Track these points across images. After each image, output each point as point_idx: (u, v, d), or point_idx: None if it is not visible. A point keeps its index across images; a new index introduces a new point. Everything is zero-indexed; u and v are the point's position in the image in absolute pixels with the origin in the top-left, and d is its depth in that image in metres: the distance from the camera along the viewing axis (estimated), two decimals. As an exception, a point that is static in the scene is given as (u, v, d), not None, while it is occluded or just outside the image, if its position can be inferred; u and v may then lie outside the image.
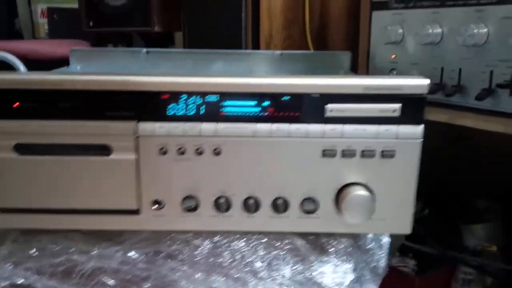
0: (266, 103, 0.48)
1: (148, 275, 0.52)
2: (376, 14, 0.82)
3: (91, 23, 1.40)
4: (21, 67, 0.97)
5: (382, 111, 0.47)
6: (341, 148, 0.48)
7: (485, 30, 0.65)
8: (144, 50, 0.83)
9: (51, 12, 1.81)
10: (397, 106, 0.47)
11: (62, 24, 1.78)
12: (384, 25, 0.80)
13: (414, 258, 1.04)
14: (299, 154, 0.49)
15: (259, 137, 0.48)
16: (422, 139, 0.48)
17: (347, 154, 0.48)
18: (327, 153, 0.49)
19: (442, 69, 0.73)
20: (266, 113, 0.48)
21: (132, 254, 0.53)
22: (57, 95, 0.46)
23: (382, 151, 0.48)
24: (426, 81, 0.46)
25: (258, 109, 0.48)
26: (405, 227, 0.51)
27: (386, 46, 0.81)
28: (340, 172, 0.49)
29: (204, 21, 1.17)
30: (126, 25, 1.33)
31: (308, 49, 1.13)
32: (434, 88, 0.74)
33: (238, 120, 0.48)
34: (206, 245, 0.54)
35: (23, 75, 0.53)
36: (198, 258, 0.53)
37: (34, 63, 1.07)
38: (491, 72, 0.66)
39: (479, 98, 0.67)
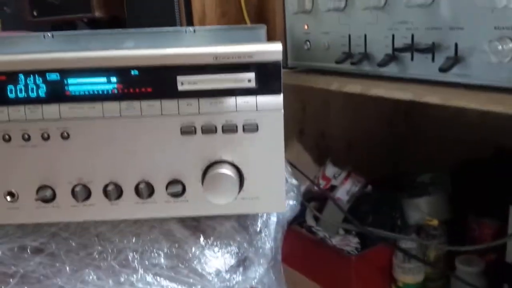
0: (113, 79, 0.44)
1: (15, 271, 0.49)
2: (287, -17, 0.78)
3: (35, 13, 1.37)
4: None
5: (237, 81, 0.43)
6: (200, 124, 0.45)
7: (383, -9, 0.62)
8: (49, 34, 0.79)
9: (1, 5, 1.78)
10: (251, 74, 0.43)
11: (14, 16, 1.74)
12: (294, -6, 0.76)
13: (357, 236, 1.01)
14: (156, 133, 0.45)
15: (110, 118, 0.44)
16: (283, 110, 0.44)
17: (207, 130, 0.45)
18: (186, 130, 0.45)
19: (350, 36, 0.69)
20: (115, 90, 0.44)
21: (-6, 250, 0.49)
22: None
23: (244, 125, 0.45)
24: (278, 47, 0.43)
25: (105, 86, 0.44)
26: (279, 205, 0.47)
27: (299, 16, 0.78)
28: (203, 150, 0.46)
29: (142, 3, 1.14)
30: (68, 12, 1.31)
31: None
32: (343, 57, 0.70)
33: (84, 99, 0.44)
34: (75, 236, 0.50)
35: None
36: (67, 251, 0.50)
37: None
38: (393, 36, 0.63)
39: (381, 64, 0.64)
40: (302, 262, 1.01)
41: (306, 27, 0.77)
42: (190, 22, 1.08)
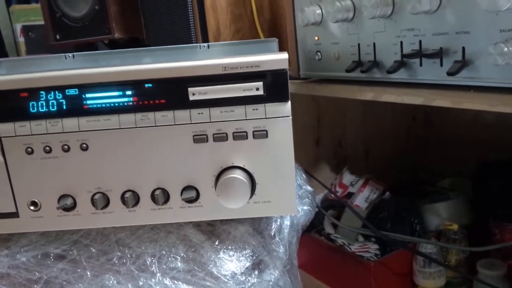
0: (128, 92, 0.46)
1: (39, 277, 0.51)
2: (296, -4, 0.80)
3: (57, 36, 1.41)
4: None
5: (246, 90, 0.45)
6: (211, 132, 0.47)
7: (389, -1, 0.63)
8: (70, 54, 0.82)
9: (26, 30, 1.85)
10: (259, 83, 0.45)
11: (38, 41, 1.81)
12: (303, 6, 0.78)
13: (377, 242, 1.01)
14: (170, 142, 0.47)
15: (125, 128, 0.47)
16: (291, 116, 0.46)
17: (219, 137, 0.47)
18: (198, 138, 0.47)
19: (359, 45, 0.71)
20: (130, 103, 0.46)
21: (20, 257, 0.52)
22: None
23: (254, 132, 0.46)
24: (284, 56, 0.44)
25: (121, 99, 0.46)
26: (291, 208, 0.49)
27: (309, 28, 0.79)
28: (215, 156, 0.48)
29: (160, 23, 1.18)
30: (89, 34, 1.35)
31: (261, 41, 1.12)
32: (353, 66, 0.72)
33: (101, 112, 0.47)
34: (96, 243, 0.52)
35: None
36: (88, 257, 0.52)
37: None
38: (401, 43, 0.64)
39: (390, 71, 0.65)
40: (321, 269, 1.02)
41: (316, 38, 0.78)
42: (205, 40, 1.11)
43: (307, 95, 0.89)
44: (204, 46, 0.81)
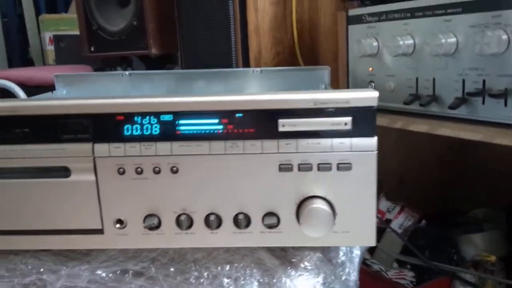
0: (220, 121, 0.49)
1: (117, 293, 0.53)
2: (352, 28, 0.83)
3: (92, 48, 1.44)
4: (21, 93, 1.00)
5: (334, 124, 0.47)
6: (297, 162, 0.49)
7: (454, 39, 0.65)
8: (127, 72, 0.85)
9: (57, 40, 1.89)
10: (348, 119, 0.47)
11: (68, 50, 1.85)
12: (360, 38, 0.80)
13: (412, 270, 1.02)
14: (256, 170, 0.49)
15: (215, 155, 0.49)
16: (376, 151, 0.48)
17: (303, 168, 0.49)
18: (284, 168, 0.49)
19: (417, 79, 0.73)
20: (221, 131, 0.49)
21: (99, 272, 0.54)
22: (13, 120, 0.48)
23: (338, 164, 0.48)
24: (375, 94, 0.47)
25: (212, 126, 0.49)
26: (370, 239, 0.51)
27: (363, 59, 0.82)
28: (299, 186, 0.49)
29: (197, 42, 1.20)
30: (125, 49, 1.37)
31: (299, 65, 1.15)
32: (410, 98, 0.74)
33: (193, 138, 0.49)
34: (173, 262, 0.54)
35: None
36: (165, 276, 0.54)
37: (35, 88, 1.10)
38: (463, 81, 0.66)
39: (452, 107, 0.67)
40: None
41: (370, 69, 0.81)
42: (246, 62, 1.13)
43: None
44: (257, 70, 0.84)
